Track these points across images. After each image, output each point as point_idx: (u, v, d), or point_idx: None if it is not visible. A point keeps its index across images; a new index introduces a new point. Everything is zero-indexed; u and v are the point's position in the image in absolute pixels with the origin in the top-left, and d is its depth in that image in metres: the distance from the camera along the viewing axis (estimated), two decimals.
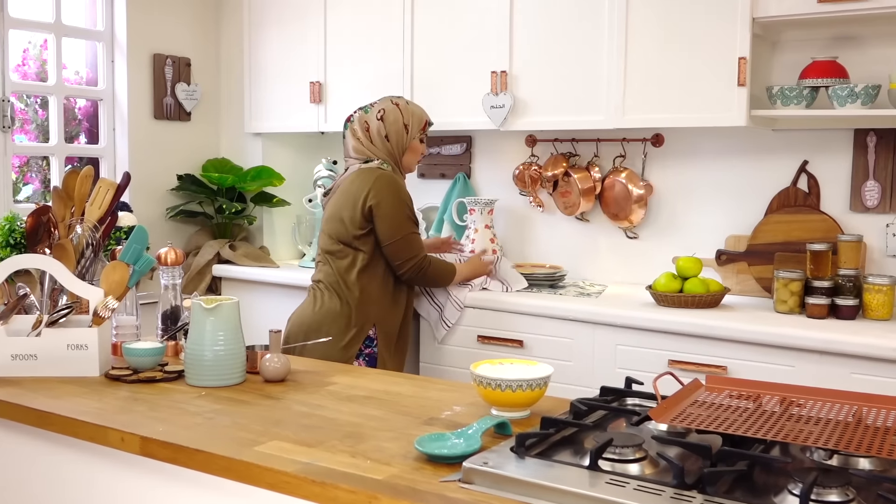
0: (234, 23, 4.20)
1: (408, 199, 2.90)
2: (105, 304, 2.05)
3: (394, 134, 2.95)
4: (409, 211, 2.89)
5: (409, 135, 2.98)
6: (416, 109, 3.02)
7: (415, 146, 3.00)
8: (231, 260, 3.96)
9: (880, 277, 2.77)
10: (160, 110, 4.03)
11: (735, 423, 1.48)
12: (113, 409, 1.76)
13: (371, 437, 1.58)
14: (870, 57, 2.93)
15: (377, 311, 2.91)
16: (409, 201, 2.90)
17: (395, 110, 2.96)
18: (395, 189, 2.87)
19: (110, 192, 2.25)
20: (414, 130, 2.99)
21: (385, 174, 2.89)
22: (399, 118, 2.96)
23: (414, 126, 2.98)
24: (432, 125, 3.05)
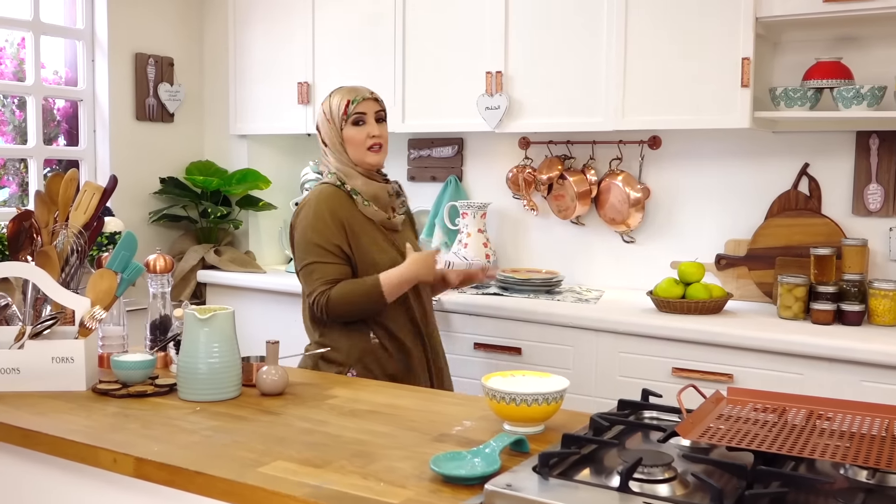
0: (219, 21, 4.09)
1: (323, 219, 2.30)
2: (92, 315, 1.95)
3: (325, 136, 2.43)
4: (317, 236, 2.30)
5: (336, 126, 2.39)
6: (337, 93, 2.43)
7: (349, 136, 2.37)
8: (216, 265, 3.86)
9: (886, 282, 2.72)
10: (142, 111, 3.92)
11: (766, 439, 1.41)
12: (103, 427, 1.66)
13: (381, 455, 1.49)
14: (873, 58, 2.88)
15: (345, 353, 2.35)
16: (323, 222, 2.30)
17: (321, 109, 2.46)
18: (308, 210, 2.33)
19: (96, 197, 2.15)
20: (337, 119, 2.39)
21: (313, 192, 2.39)
22: (322, 116, 2.44)
23: (335, 115, 2.39)
24: (360, 100, 2.38)
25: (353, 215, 2.36)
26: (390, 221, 2.42)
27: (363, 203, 2.38)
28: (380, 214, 2.40)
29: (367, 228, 2.37)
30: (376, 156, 2.40)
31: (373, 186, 2.41)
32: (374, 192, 2.41)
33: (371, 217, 2.39)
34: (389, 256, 2.38)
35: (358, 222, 2.36)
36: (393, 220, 2.44)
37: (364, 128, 2.38)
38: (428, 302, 2.51)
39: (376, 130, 2.39)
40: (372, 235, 2.37)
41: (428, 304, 2.51)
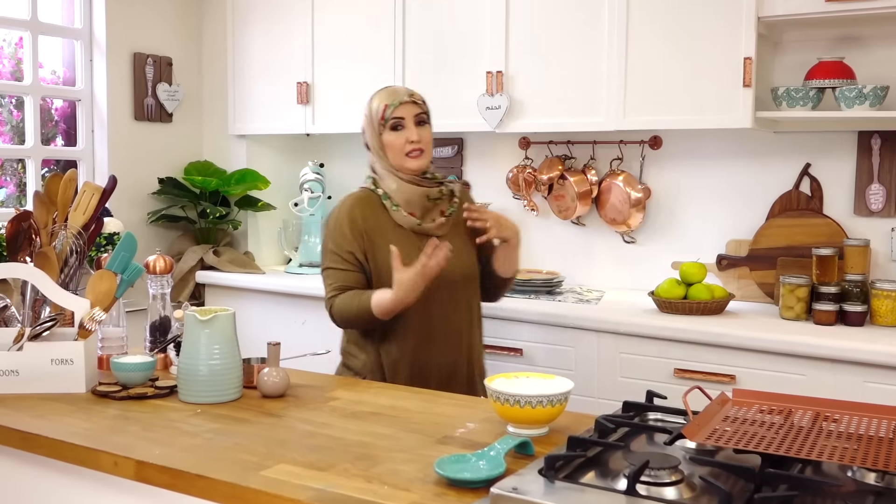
0: (218, 21, 4.08)
1: (341, 226, 2.26)
2: (92, 316, 1.93)
3: (368, 139, 2.36)
4: (332, 242, 2.27)
5: (375, 131, 2.31)
6: (377, 96, 2.35)
7: (388, 141, 2.28)
8: (215, 266, 3.84)
9: (889, 283, 2.71)
10: (141, 111, 3.90)
11: (773, 441, 1.40)
12: (103, 430, 1.64)
13: (384, 458, 1.48)
14: (875, 58, 2.88)
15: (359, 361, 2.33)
16: (340, 229, 2.26)
17: (364, 112, 2.39)
18: (332, 215, 2.31)
19: (95, 197, 2.13)
20: (376, 124, 2.31)
21: (344, 197, 2.34)
22: (364, 120, 2.37)
23: (374, 119, 2.31)
24: (397, 104, 2.27)
25: (382, 221, 2.27)
26: (421, 227, 2.28)
27: (392, 207, 2.28)
28: (409, 220, 2.28)
29: (395, 235, 2.26)
30: (416, 161, 2.28)
31: (408, 190, 2.28)
32: (408, 197, 2.29)
33: (400, 223, 2.28)
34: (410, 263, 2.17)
35: (385, 228, 2.27)
36: (425, 226, 2.28)
37: (402, 133, 2.27)
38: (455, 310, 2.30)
39: (415, 136, 2.27)
40: (397, 241, 2.22)
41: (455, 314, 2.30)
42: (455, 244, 2.25)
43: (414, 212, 2.29)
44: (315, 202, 3.84)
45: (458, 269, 2.27)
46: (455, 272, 2.26)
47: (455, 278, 2.28)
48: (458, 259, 2.25)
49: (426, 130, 2.31)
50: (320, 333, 3.48)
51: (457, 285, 2.30)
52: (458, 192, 2.39)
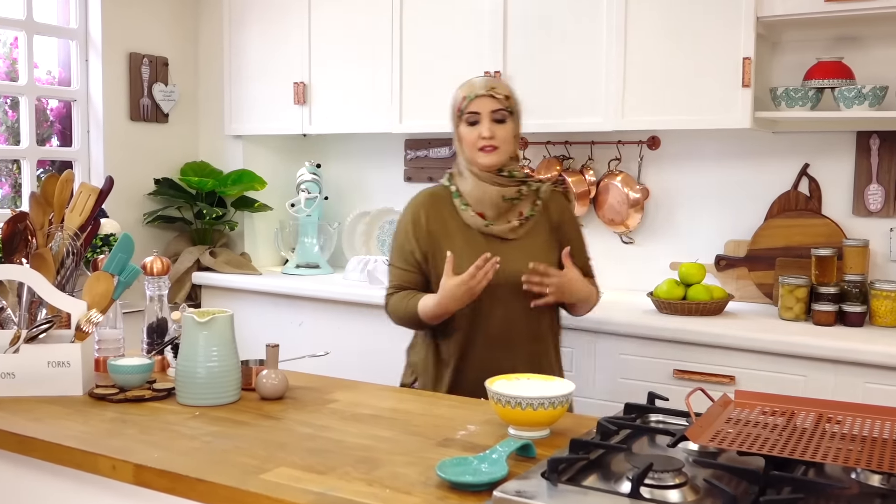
0: (214, 20, 4.06)
1: (405, 225, 2.24)
2: (88, 318, 1.92)
3: (452, 127, 2.26)
4: (398, 239, 2.26)
5: (454, 122, 2.24)
6: (461, 87, 2.25)
7: (462, 134, 2.19)
8: (211, 267, 3.82)
9: (888, 283, 2.70)
10: (136, 111, 3.88)
11: (777, 443, 1.39)
12: (101, 433, 1.63)
13: (385, 461, 1.47)
14: (873, 58, 2.87)
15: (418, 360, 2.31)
16: (404, 228, 2.25)
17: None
18: (404, 211, 2.29)
19: (92, 198, 2.12)
20: (454, 114, 2.24)
21: (418, 193, 2.32)
22: (451, 108, 2.27)
23: (454, 110, 2.24)
24: (472, 98, 2.17)
25: (449, 221, 2.20)
26: (489, 229, 2.18)
27: (461, 207, 2.20)
28: (477, 221, 2.18)
29: (462, 236, 2.18)
30: (488, 157, 2.16)
31: (481, 189, 2.18)
32: (480, 196, 2.18)
33: (468, 223, 2.19)
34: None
35: (452, 229, 2.19)
36: (494, 228, 2.18)
37: (476, 128, 2.16)
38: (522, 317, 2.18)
39: (486, 132, 2.15)
40: (463, 243, 2.16)
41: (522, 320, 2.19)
42: (530, 249, 2.17)
43: (484, 212, 2.19)
44: (312, 203, 3.83)
45: (525, 271, 2.13)
46: (522, 274, 2.13)
47: (519, 278, 2.13)
48: (527, 265, 2.12)
49: (504, 128, 2.17)
50: (318, 335, 3.48)
51: (524, 292, 2.14)
52: (544, 194, 2.24)
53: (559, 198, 2.29)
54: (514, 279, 2.12)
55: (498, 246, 2.16)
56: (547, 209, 2.24)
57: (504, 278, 2.12)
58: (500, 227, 2.18)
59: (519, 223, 2.19)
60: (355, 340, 3.37)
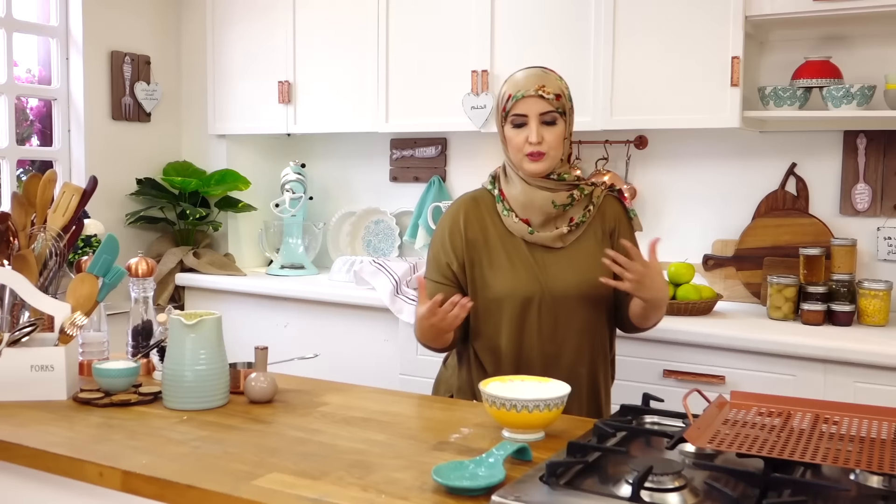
0: (197, 18, 4.01)
1: (443, 233, 2.06)
2: (73, 321, 1.88)
3: (497, 125, 2.06)
4: (434, 248, 2.08)
5: (499, 122, 2.03)
6: (508, 82, 2.03)
7: (508, 136, 1.98)
8: (195, 268, 3.78)
9: (876, 282, 2.71)
10: (118, 111, 3.83)
11: (776, 444, 1.38)
12: (87, 439, 1.59)
13: (379, 466, 1.44)
14: (860, 57, 2.87)
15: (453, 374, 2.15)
16: (441, 236, 2.06)
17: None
18: (442, 217, 2.10)
19: (75, 198, 2.08)
20: (499, 113, 2.03)
21: (459, 197, 2.12)
22: (496, 103, 2.08)
23: (498, 107, 2.03)
24: (520, 97, 1.95)
25: (491, 227, 2.02)
26: (534, 236, 1.99)
27: (503, 212, 2.01)
28: (520, 227, 2.00)
29: (504, 244, 2.01)
30: (535, 165, 1.94)
31: (528, 193, 1.98)
32: (527, 202, 1.99)
33: (511, 229, 2.00)
34: (511, 280, 1.97)
35: (493, 236, 2.02)
36: (539, 236, 1.98)
37: (523, 131, 1.94)
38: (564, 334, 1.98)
39: (535, 137, 1.92)
40: (505, 251, 2.00)
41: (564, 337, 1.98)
42: (579, 259, 1.99)
43: (530, 218, 2.00)
44: (296, 203, 3.79)
45: (573, 287, 1.97)
46: (569, 290, 1.96)
47: (568, 296, 1.96)
48: (576, 275, 1.97)
49: (554, 131, 1.95)
50: (303, 336, 3.45)
51: (570, 305, 1.97)
52: (597, 199, 2.04)
53: (613, 203, 2.08)
54: (560, 292, 1.96)
55: (542, 255, 1.99)
56: (601, 215, 2.04)
57: (549, 290, 1.96)
58: (546, 235, 1.98)
59: (568, 230, 1.99)
60: (342, 342, 3.33)
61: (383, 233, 3.88)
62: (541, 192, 1.97)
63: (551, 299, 1.96)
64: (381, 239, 3.88)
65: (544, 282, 1.96)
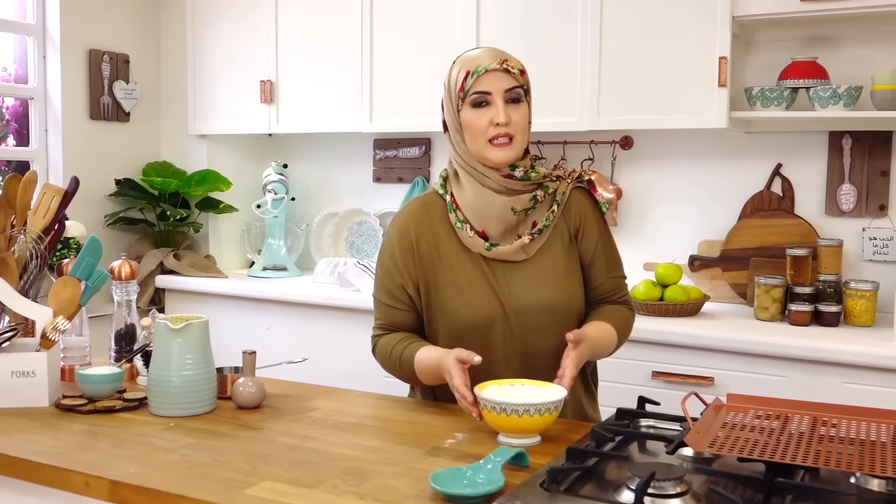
0: (177, 16, 3.95)
1: (391, 248, 1.82)
2: (55, 326, 1.83)
3: (446, 115, 1.78)
4: (382, 265, 1.84)
5: (453, 107, 1.74)
6: (458, 62, 1.75)
7: (466, 121, 1.71)
8: (175, 270, 3.72)
9: (863, 283, 2.71)
10: (97, 110, 3.76)
11: (777, 448, 1.36)
12: (71, 447, 1.55)
13: (375, 473, 1.41)
14: (845, 58, 2.88)
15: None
16: (390, 252, 1.82)
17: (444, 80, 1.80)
18: (390, 228, 1.86)
19: (56, 199, 2.03)
20: (454, 97, 1.73)
21: (407, 203, 1.88)
22: (444, 90, 1.79)
23: (452, 91, 1.74)
24: (481, 72, 1.67)
25: (445, 239, 1.79)
26: (492, 251, 1.75)
27: (456, 224, 1.77)
28: (476, 242, 1.76)
29: (460, 259, 1.78)
30: (501, 151, 1.69)
31: (483, 200, 1.74)
32: (480, 209, 1.74)
33: (466, 244, 1.77)
34: (475, 304, 1.75)
35: (449, 250, 1.78)
36: (499, 250, 1.75)
37: (486, 111, 1.68)
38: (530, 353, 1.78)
39: (502, 116, 1.67)
40: (462, 270, 1.77)
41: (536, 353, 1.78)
42: (544, 271, 1.77)
43: (486, 228, 1.76)
44: (279, 204, 3.75)
45: (541, 303, 1.76)
46: (537, 308, 1.76)
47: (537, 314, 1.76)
48: (543, 290, 1.76)
49: (519, 110, 1.71)
50: (287, 339, 3.40)
51: (539, 325, 1.76)
52: (562, 197, 1.79)
53: (580, 197, 1.82)
54: (526, 311, 1.75)
55: (504, 271, 1.77)
56: (566, 213, 1.80)
57: (514, 311, 1.75)
58: (506, 249, 1.75)
59: (530, 238, 1.75)
60: (326, 344, 3.29)
61: (366, 234, 3.84)
62: (498, 196, 1.73)
63: (517, 321, 1.75)
64: (364, 240, 3.84)
65: (507, 302, 1.75)
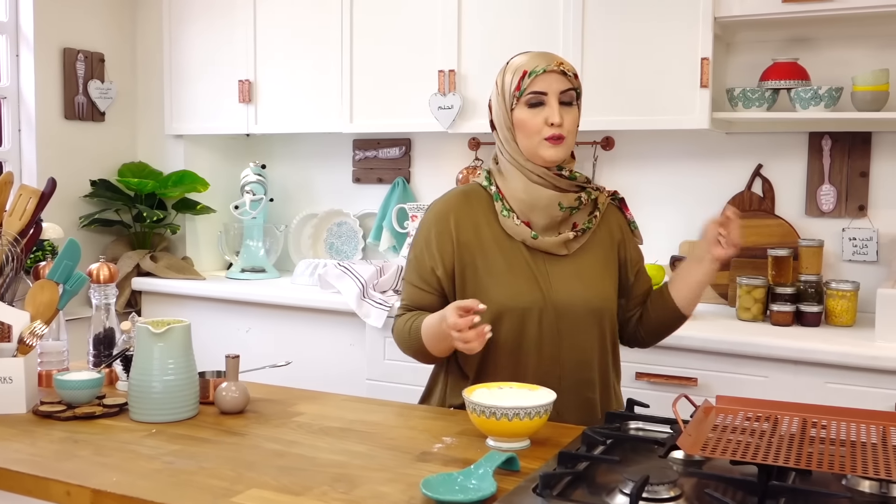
0: (153, 14, 3.89)
1: (428, 232, 1.85)
2: (32, 330, 1.79)
3: (496, 115, 1.84)
4: (416, 248, 1.88)
5: (506, 106, 1.80)
6: (514, 62, 1.82)
7: (520, 119, 1.76)
8: (152, 272, 3.67)
9: (843, 283, 2.72)
10: (71, 110, 3.70)
11: (769, 451, 1.35)
12: (51, 455, 1.51)
13: (364, 479, 1.39)
14: (825, 59, 2.90)
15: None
16: (426, 236, 1.85)
17: (495, 81, 1.86)
18: (427, 214, 1.91)
19: (33, 201, 1.98)
20: (508, 95, 1.79)
21: (449, 191, 1.95)
22: (495, 90, 1.84)
23: (507, 89, 1.79)
24: (539, 72, 1.75)
25: (486, 229, 1.82)
26: (537, 242, 1.79)
27: (502, 212, 1.81)
28: (521, 231, 1.80)
29: (502, 248, 1.81)
30: (554, 150, 1.75)
31: (533, 192, 1.79)
32: (531, 201, 1.79)
33: (511, 233, 1.81)
34: (509, 288, 1.78)
35: (488, 239, 1.82)
36: (543, 241, 1.79)
37: (541, 111, 1.74)
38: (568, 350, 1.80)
39: (556, 117, 1.73)
40: (503, 257, 1.80)
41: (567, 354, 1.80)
42: (584, 268, 1.82)
43: (531, 220, 1.81)
44: (257, 205, 3.71)
45: (579, 299, 1.79)
46: (575, 303, 1.79)
47: (574, 309, 1.79)
48: (582, 286, 1.80)
49: (572, 113, 1.78)
50: (266, 341, 3.36)
51: (575, 320, 1.80)
52: (602, 206, 1.87)
53: (616, 212, 1.93)
54: (564, 304, 1.78)
55: (545, 263, 1.80)
56: (606, 223, 1.88)
57: (553, 302, 1.78)
58: (551, 241, 1.79)
59: (574, 235, 1.81)
60: (307, 347, 3.26)
61: (346, 235, 3.81)
62: (546, 190, 1.78)
63: (554, 312, 1.78)
64: (343, 241, 3.81)
65: (547, 292, 1.78)
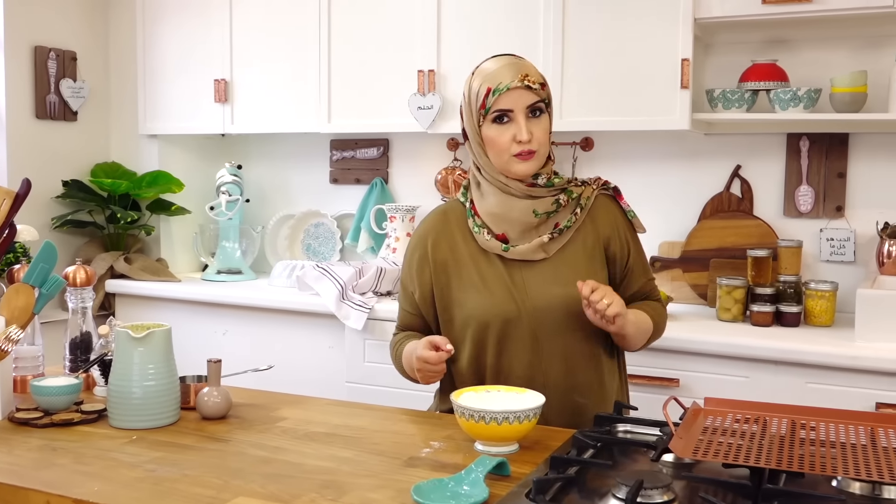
0: (127, 12, 3.83)
1: (411, 255, 1.89)
2: (8, 335, 1.74)
3: (467, 125, 1.80)
4: (403, 272, 1.93)
5: (473, 120, 1.76)
6: (479, 75, 1.77)
7: (489, 137, 1.73)
8: (126, 274, 3.61)
9: (822, 283, 2.74)
10: (42, 109, 3.63)
11: (761, 453, 1.35)
12: (29, 464, 1.47)
13: (352, 485, 1.36)
14: (803, 60, 2.91)
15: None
16: (409, 259, 1.89)
17: (463, 89, 1.83)
18: (409, 242, 1.94)
19: (7, 202, 1.93)
20: (474, 111, 1.76)
21: (431, 211, 1.96)
22: (463, 100, 1.82)
23: (473, 104, 1.76)
24: (503, 90, 1.69)
25: (462, 244, 1.83)
26: (508, 252, 1.78)
27: (475, 228, 1.81)
28: (492, 245, 1.79)
29: (478, 263, 1.81)
30: (525, 165, 1.72)
31: (506, 205, 1.77)
32: (501, 213, 1.78)
33: (484, 247, 1.81)
34: (490, 301, 1.77)
35: (465, 255, 1.82)
36: (517, 250, 1.77)
37: (509, 127, 1.71)
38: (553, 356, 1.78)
39: (524, 134, 1.69)
40: (477, 271, 1.80)
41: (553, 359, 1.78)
42: (564, 269, 1.78)
43: (506, 232, 1.79)
44: (233, 205, 3.66)
45: (558, 303, 1.76)
46: (554, 307, 1.76)
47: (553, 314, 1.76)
48: (562, 289, 1.75)
49: (540, 124, 1.74)
50: (243, 344, 3.32)
51: (555, 325, 1.76)
52: (586, 201, 1.81)
53: (608, 203, 1.86)
54: (543, 310, 1.76)
55: (521, 271, 1.79)
56: (592, 219, 1.82)
57: (529, 310, 1.76)
58: (524, 248, 1.77)
59: (550, 237, 1.77)
60: (285, 349, 3.23)
61: (323, 236, 3.78)
62: (520, 201, 1.76)
63: (532, 320, 1.76)
64: (321, 242, 3.78)
65: (522, 301, 1.76)
